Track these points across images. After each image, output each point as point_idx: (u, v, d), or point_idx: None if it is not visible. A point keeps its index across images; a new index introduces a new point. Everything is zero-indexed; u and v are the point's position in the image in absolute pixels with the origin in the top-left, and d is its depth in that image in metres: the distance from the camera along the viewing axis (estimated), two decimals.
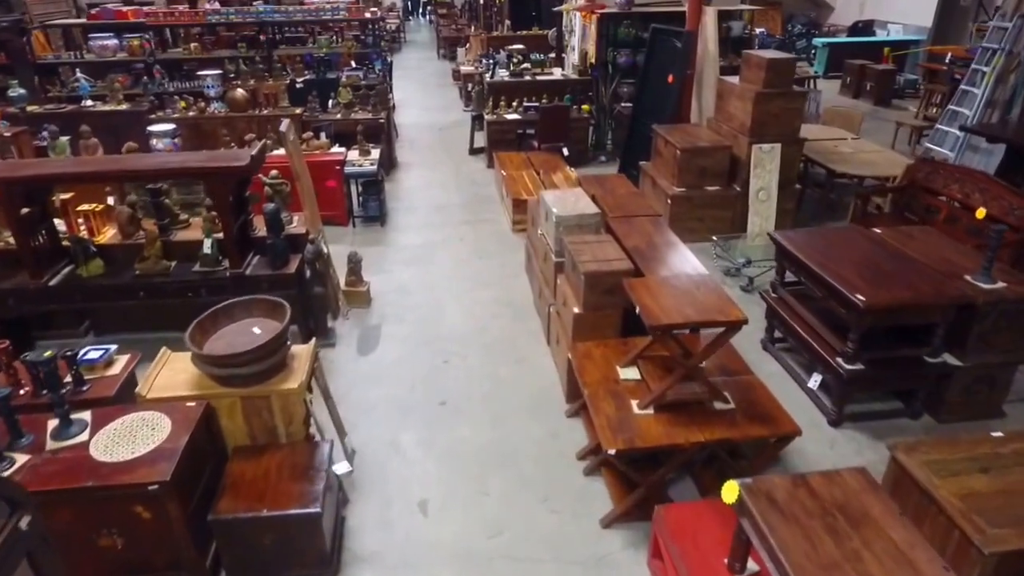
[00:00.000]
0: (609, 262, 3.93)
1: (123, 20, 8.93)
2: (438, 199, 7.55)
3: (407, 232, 6.69)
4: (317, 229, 4.89)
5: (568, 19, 11.59)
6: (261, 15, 8.66)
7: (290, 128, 4.65)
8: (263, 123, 7.79)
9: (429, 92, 13.65)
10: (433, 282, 5.67)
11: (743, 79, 6.25)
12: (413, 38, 23.42)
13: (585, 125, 8.57)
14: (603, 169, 8.49)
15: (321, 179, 6.53)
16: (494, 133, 8.43)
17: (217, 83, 7.73)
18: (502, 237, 6.53)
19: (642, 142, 7.53)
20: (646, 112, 7.49)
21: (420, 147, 9.70)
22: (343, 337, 4.90)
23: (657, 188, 6.43)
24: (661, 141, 6.48)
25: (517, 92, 9.51)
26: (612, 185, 5.37)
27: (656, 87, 7.34)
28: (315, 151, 6.68)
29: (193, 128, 7.81)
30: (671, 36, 7.08)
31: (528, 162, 7.60)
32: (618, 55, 9.52)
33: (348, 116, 7.97)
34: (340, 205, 6.70)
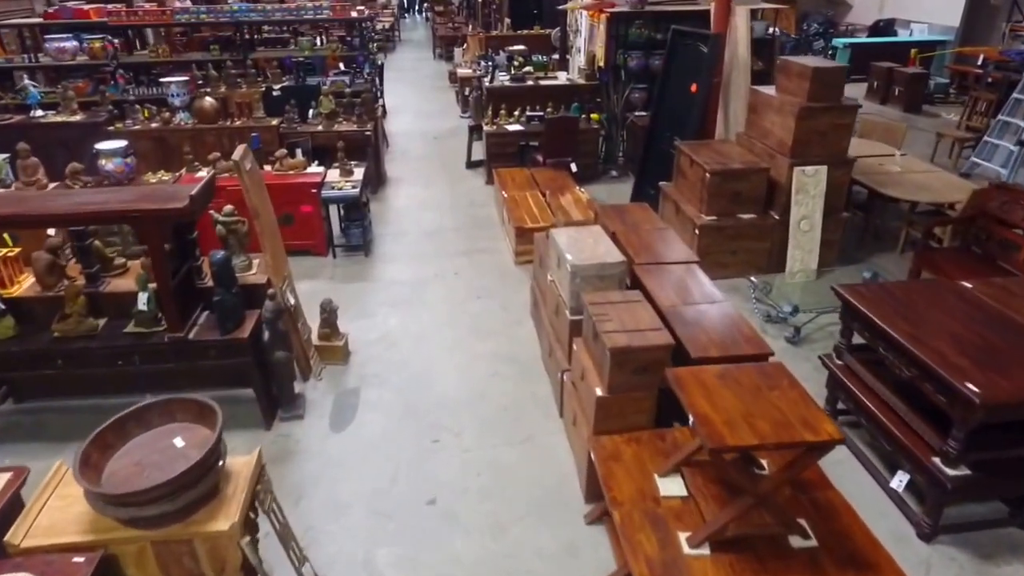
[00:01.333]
0: (642, 333, 3.09)
1: (84, 19, 8.07)
2: (431, 223, 6.71)
3: (395, 264, 5.85)
4: (282, 277, 4.04)
5: (573, 18, 10.75)
6: (236, 14, 7.81)
7: (246, 155, 3.81)
8: (235, 136, 6.94)
9: (424, 96, 12.79)
10: (423, 330, 4.83)
11: (782, 90, 5.41)
12: (408, 37, 22.54)
13: (594, 136, 7.73)
14: (615, 186, 7.65)
15: (296, 203, 5.71)
16: (494, 146, 7.59)
17: (182, 91, 6.87)
18: (503, 271, 5.69)
19: (660, 159, 6.70)
20: (665, 125, 6.66)
21: (412, 159, 8.85)
22: (314, 405, 4.06)
23: (681, 215, 5.60)
24: (686, 160, 5.64)
25: (518, 99, 8.67)
26: (634, 218, 4.53)
27: (677, 97, 6.51)
28: (289, 171, 5.83)
29: (157, 142, 6.96)
30: (695, 39, 6.24)
31: (532, 180, 6.76)
32: (629, 58, 8.70)
33: (330, 128, 7.11)
34: (318, 233, 5.85)
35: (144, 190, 3.40)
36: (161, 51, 8.07)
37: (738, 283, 5.37)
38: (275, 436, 3.82)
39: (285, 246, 5.88)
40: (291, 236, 5.78)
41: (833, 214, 5.40)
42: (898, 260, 5.77)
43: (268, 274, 3.92)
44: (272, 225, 4.01)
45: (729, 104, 6.29)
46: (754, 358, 3.04)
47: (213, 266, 3.48)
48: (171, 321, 3.49)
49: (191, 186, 3.41)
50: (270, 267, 3.89)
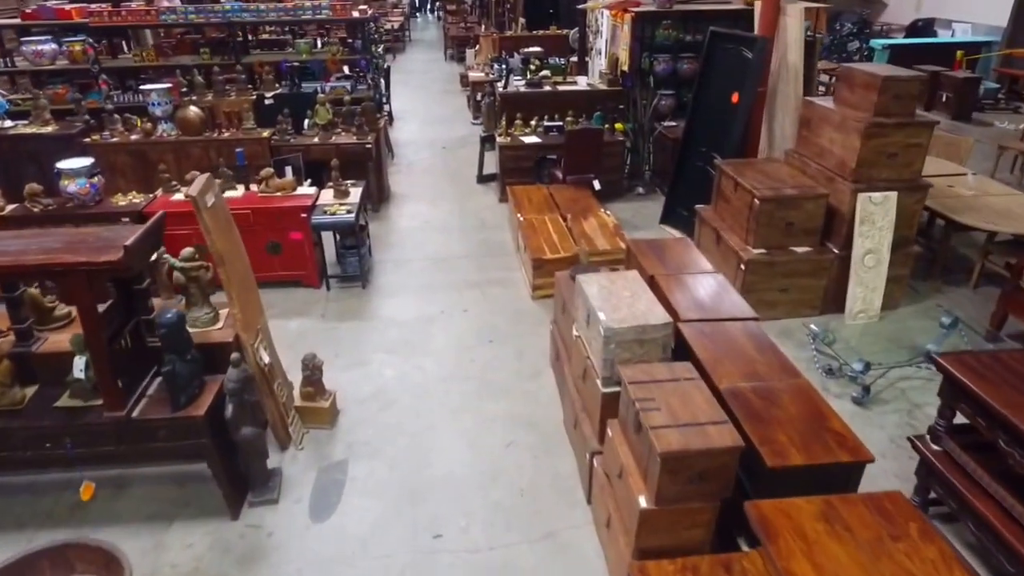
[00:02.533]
0: (701, 429, 2.38)
1: (66, 20, 7.45)
2: (437, 247, 6.02)
3: (395, 298, 5.16)
4: (254, 331, 3.37)
5: (593, 18, 10.03)
6: (227, 15, 7.17)
7: (207, 188, 3.13)
8: (222, 149, 6.29)
9: (433, 100, 12.11)
10: (424, 385, 4.14)
11: (842, 102, 4.67)
12: (420, 37, 21.88)
13: (619, 149, 7.00)
14: (641, 205, 6.92)
15: (283, 230, 5.04)
16: (508, 160, 6.88)
17: (165, 99, 6.22)
18: (519, 308, 4.99)
19: (695, 177, 5.97)
20: (701, 138, 5.93)
21: (419, 171, 8.16)
22: (292, 484, 3.38)
23: (723, 246, 4.87)
24: (729, 183, 4.92)
25: (535, 106, 7.96)
26: (675, 257, 3.81)
27: (715, 107, 5.78)
28: (276, 193, 5.16)
29: (136, 156, 6.32)
30: (737, 43, 5.50)
31: (550, 200, 6.05)
32: (655, 62, 7.98)
33: (327, 140, 6.45)
34: (309, 263, 5.18)
35: (73, 236, 2.73)
36: (147, 55, 7.44)
37: (789, 325, 4.64)
38: (243, 528, 3.14)
39: (272, 277, 5.25)
40: (279, 266, 5.14)
41: (902, 247, 4.65)
42: (972, 298, 5.02)
43: (237, 329, 3.24)
44: (243, 271, 3.33)
45: (775, 117, 5.55)
46: (848, 468, 2.32)
47: (161, 329, 2.81)
48: (109, 397, 2.82)
49: (132, 230, 2.74)
50: (239, 322, 3.21)
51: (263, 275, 5.16)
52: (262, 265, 5.12)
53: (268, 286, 5.21)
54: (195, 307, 3.24)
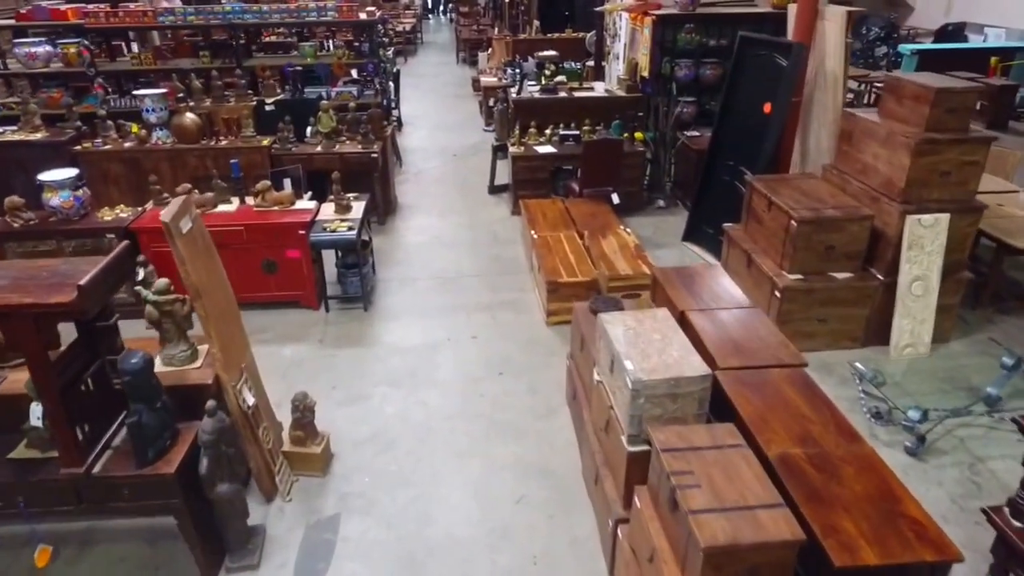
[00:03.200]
0: (751, 514, 1.99)
1: (62, 21, 7.16)
2: (446, 264, 5.65)
3: (400, 322, 4.80)
4: (238, 371, 3.01)
5: (611, 20, 9.66)
6: (228, 16, 6.85)
7: (183, 211, 2.77)
8: (219, 158, 5.96)
9: (444, 105, 11.76)
10: (428, 424, 3.77)
11: (889, 115, 4.26)
12: (431, 39, 21.57)
13: (639, 160, 6.60)
14: (662, 219, 6.53)
15: (279, 247, 4.70)
16: (521, 171, 6.51)
17: (160, 105, 5.90)
18: (532, 335, 4.61)
19: (721, 191, 5.57)
20: (728, 150, 5.52)
21: (428, 181, 7.80)
22: (275, 545, 3.01)
23: (755, 270, 4.47)
24: (762, 201, 4.52)
25: (550, 113, 7.60)
26: (708, 287, 3.42)
27: (744, 117, 5.37)
28: (273, 207, 4.81)
29: (130, 165, 6.00)
30: (770, 49, 5.10)
31: (566, 215, 5.67)
32: (677, 67, 7.59)
33: (330, 149, 6.10)
34: (306, 282, 4.83)
35: (24, 271, 2.38)
36: (145, 58, 7.13)
37: (829, 359, 4.24)
38: None
39: (267, 297, 4.90)
40: (274, 286, 4.80)
41: (953, 274, 4.24)
42: None
43: (217, 370, 2.88)
44: (224, 303, 2.97)
45: (810, 129, 5.14)
46: (931, 569, 1.92)
47: (124, 376, 2.45)
48: (65, 451, 2.47)
49: (92, 263, 2.38)
50: (219, 362, 2.85)
51: (257, 295, 4.83)
52: (256, 285, 4.79)
53: (262, 307, 4.88)
54: (170, 344, 2.89)
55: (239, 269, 4.71)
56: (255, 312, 4.85)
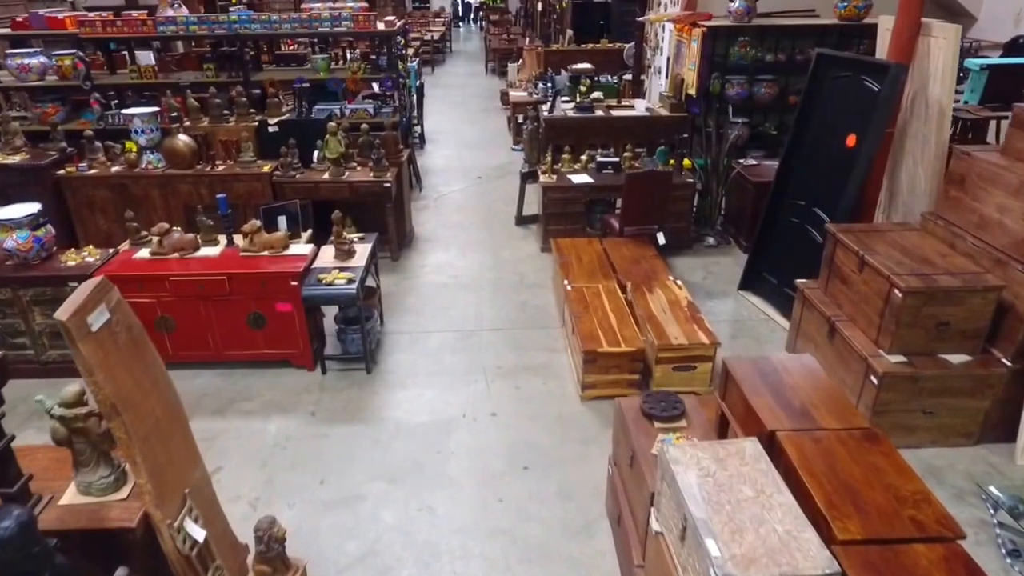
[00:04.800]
0: None
1: (59, 31, 6.61)
2: (464, 313, 4.90)
3: (407, 391, 4.05)
4: (179, 500, 2.27)
5: (652, 31, 8.88)
6: (234, 25, 6.24)
7: (94, 299, 2.04)
8: (215, 185, 5.31)
9: (471, 119, 11.06)
10: (434, 542, 3.00)
11: (1015, 154, 3.41)
12: (461, 48, 20.97)
13: (688, 192, 5.78)
14: (712, 260, 5.70)
15: (268, 299, 3.99)
16: (553, 203, 5.73)
17: (150, 125, 5.27)
18: (563, 411, 3.83)
19: (789, 235, 4.74)
20: (799, 188, 4.69)
21: (449, 208, 7.08)
22: None
23: (840, 342, 3.64)
24: (850, 258, 3.69)
25: (585, 133, 6.86)
26: (802, 390, 2.59)
27: (820, 150, 4.53)
28: (263, 251, 4.11)
29: (118, 191, 5.38)
30: (856, 70, 4.26)
31: (604, 258, 4.88)
32: (728, 85, 6.80)
33: (338, 176, 5.41)
34: (299, 340, 4.12)
35: None
36: (144, 71, 6.53)
37: (935, 460, 3.39)
38: None
39: (253, 356, 4.19)
40: (263, 342, 4.10)
41: None
42: None
43: (147, 506, 2.16)
44: (159, 415, 2.24)
45: (901, 167, 4.29)
46: None
47: None
48: None
49: None
50: (148, 495, 2.12)
51: (242, 353, 4.15)
52: (241, 341, 4.10)
53: (249, 366, 4.19)
54: (86, 469, 2.17)
55: (221, 323, 4.05)
56: (240, 371, 4.16)
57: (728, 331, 4.63)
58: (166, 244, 4.09)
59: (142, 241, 4.31)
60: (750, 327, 4.68)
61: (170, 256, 4.09)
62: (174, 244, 4.09)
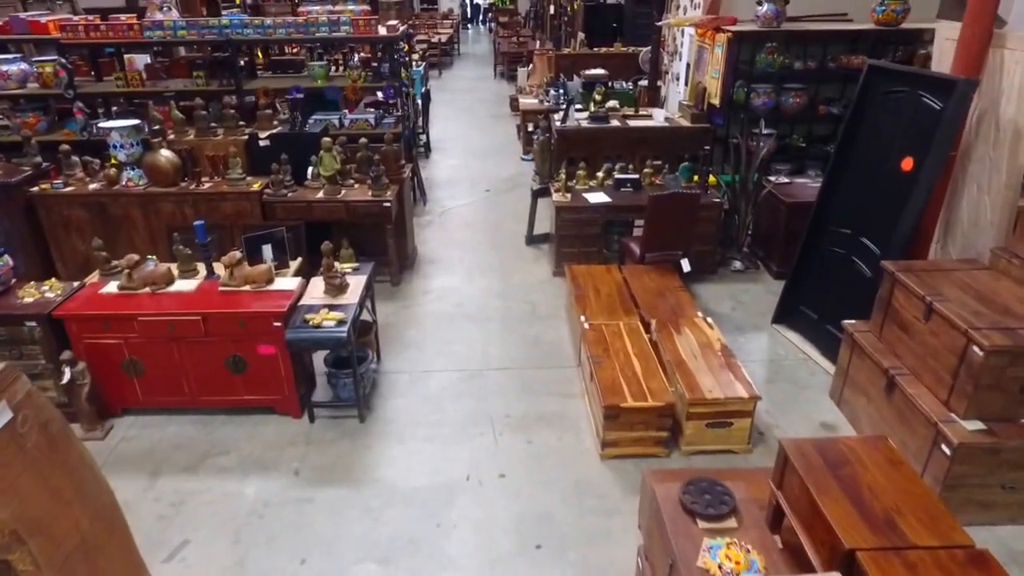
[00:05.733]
0: None
1: (42, 35, 6.20)
2: (470, 349, 4.44)
3: (404, 444, 3.59)
4: None
5: (671, 36, 8.40)
6: (226, 30, 5.81)
7: None
8: (199, 204, 4.89)
9: (479, 126, 10.61)
10: None
11: None
12: (469, 50, 20.53)
13: (715, 213, 5.29)
14: (740, 288, 5.22)
15: (249, 341, 3.55)
16: (567, 224, 5.26)
17: (130, 139, 4.85)
18: (581, 474, 3.36)
19: (831, 266, 4.26)
20: (843, 214, 4.21)
21: (455, 225, 6.62)
22: None
23: (899, 398, 3.16)
24: (912, 302, 3.21)
25: (600, 145, 6.44)
26: (880, 487, 2.12)
27: (870, 173, 4.05)
28: (243, 286, 3.67)
29: (96, 211, 4.96)
30: (914, 85, 3.77)
31: (624, 290, 4.42)
32: (753, 93, 6.31)
33: (334, 195, 4.97)
34: (283, 385, 3.67)
35: None
36: (132, 78, 6.11)
37: (1015, 541, 2.91)
38: None
39: (233, 402, 3.74)
40: (243, 388, 3.66)
41: None
42: None
43: None
44: (82, 539, 1.79)
45: (962, 195, 3.80)
46: None
47: None
48: None
49: None
50: None
51: (221, 399, 3.71)
52: (219, 386, 3.66)
53: (229, 413, 3.75)
54: None
55: (196, 366, 3.61)
56: (218, 418, 3.73)
57: (763, 373, 4.15)
58: (136, 277, 3.65)
59: (112, 272, 3.89)
60: (788, 368, 4.20)
61: (141, 291, 3.65)
62: (145, 277, 3.66)
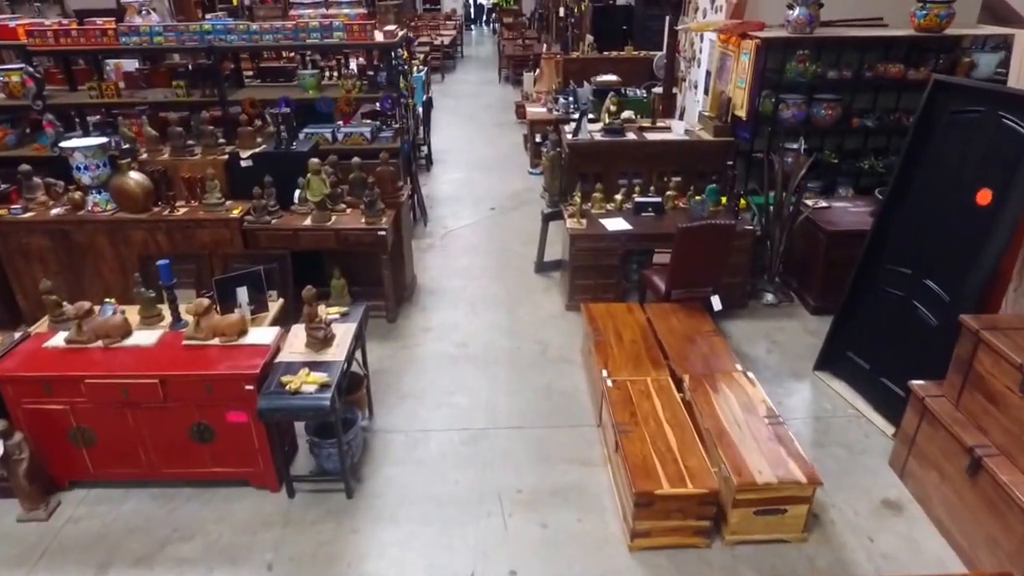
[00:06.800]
0: None
1: (10, 40, 5.70)
2: (474, 403, 3.91)
3: (399, 526, 3.07)
4: None
5: (688, 41, 7.88)
6: (207, 36, 5.31)
7: None
8: (174, 232, 4.40)
9: (483, 135, 10.09)
10: None
11: None
12: (473, 52, 20.00)
13: (747, 241, 4.76)
14: (776, 325, 4.69)
15: (216, 407, 3.04)
16: (583, 254, 4.74)
17: (96, 160, 4.34)
18: (606, 567, 2.84)
19: (886, 311, 3.72)
20: (902, 251, 3.67)
21: (458, 249, 6.10)
22: None
23: (985, 483, 2.63)
24: (1007, 371, 2.68)
25: (615, 160, 5.93)
26: None
27: (935, 206, 3.51)
28: (210, 340, 3.16)
29: (60, 240, 4.46)
30: (995, 104, 3.24)
31: (650, 335, 3.89)
32: (782, 105, 5.79)
33: (323, 222, 4.46)
34: (258, 456, 3.15)
35: None
36: (106, 88, 5.60)
37: None
38: None
39: (202, 475, 3.19)
40: (211, 459, 3.16)
41: None
42: None
43: None
44: None
45: None
46: None
47: None
48: None
49: None
50: None
51: (185, 471, 3.19)
52: (183, 457, 3.16)
53: (196, 486, 3.24)
54: None
55: (156, 435, 3.10)
56: (183, 492, 3.22)
57: (809, 432, 3.63)
58: (87, 329, 3.14)
59: (62, 321, 3.38)
60: (837, 428, 3.67)
61: (92, 345, 3.14)
62: (97, 329, 3.15)
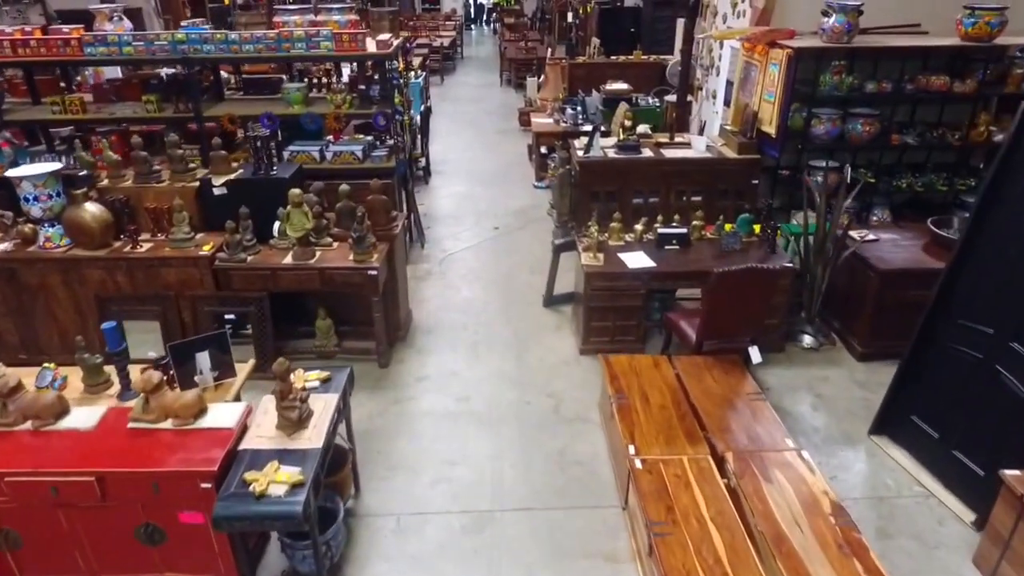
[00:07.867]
0: None
1: None
2: (478, 474, 3.37)
3: None
4: None
5: (706, 47, 7.35)
6: (180, 46, 4.76)
7: None
8: (135, 271, 3.86)
9: (485, 143, 9.54)
10: None
11: None
12: (473, 53, 19.43)
13: (786, 281, 4.21)
14: (819, 375, 4.15)
15: (167, 508, 2.50)
16: (600, 295, 4.19)
17: (47, 190, 3.80)
18: None
19: (959, 373, 3.18)
20: (982, 304, 3.12)
21: (458, 276, 5.55)
22: None
23: None
24: None
25: (630, 179, 5.40)
26: None
27: None
28: (161, 423, 2.61)
29: (7, 278, 3.92)
30: None
31: (682, 398, 3.34)
32: (815, 120, 5.27)
33: (305, 259, 3.91)
34: (219, 560, 2.62)
35: None
36: (71, 104, 5.05)
37: None
38: None
39: None
40: (162, 563, 2.61)
41: None
42: None
43: None
44: None
45: None
46: None
47: None
48: None
49: None
50: None
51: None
52: (129, 560, 2.62)
53: None
54: None
55: (95, 537, 2.56)
56: None
57: (872, 517, 3.09)
58: (13, 409, 2.60)
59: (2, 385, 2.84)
60: (904, 512, 3.13)
61: (18, 428, 2.61)
62: (25, 409, 2.61)
